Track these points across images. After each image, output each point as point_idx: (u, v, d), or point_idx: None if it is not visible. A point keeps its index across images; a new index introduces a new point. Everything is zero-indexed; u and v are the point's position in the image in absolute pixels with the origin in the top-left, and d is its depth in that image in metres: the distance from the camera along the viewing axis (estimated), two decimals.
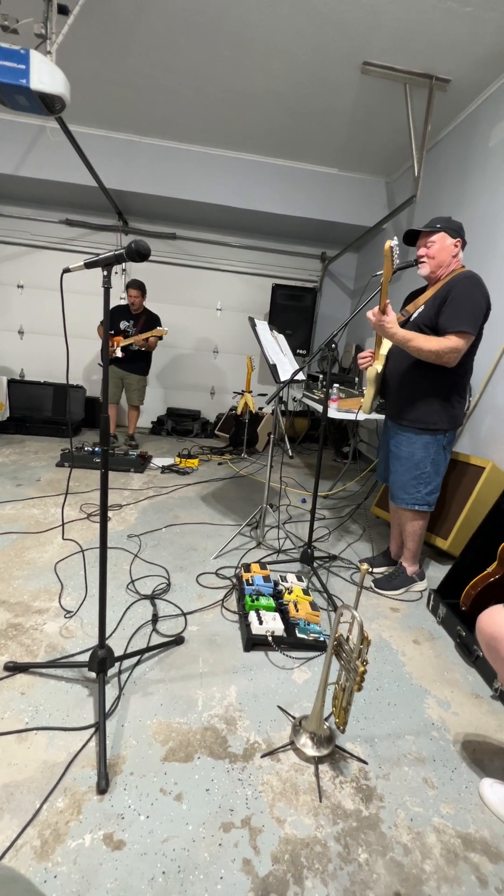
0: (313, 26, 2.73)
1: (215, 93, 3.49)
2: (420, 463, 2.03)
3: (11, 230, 5.17)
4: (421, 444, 2.02)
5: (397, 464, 2.10)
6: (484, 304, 1.85)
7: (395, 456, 2.10)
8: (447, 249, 1.91)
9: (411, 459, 2.04)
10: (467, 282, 1.85)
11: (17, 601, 1.83)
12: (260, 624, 1.69)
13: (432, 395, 1.97)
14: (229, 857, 0.99)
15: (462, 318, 1.80)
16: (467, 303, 1.82)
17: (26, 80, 2.04)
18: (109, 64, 3.26)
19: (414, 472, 2.04)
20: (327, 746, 1.25)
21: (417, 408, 2.00)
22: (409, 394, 2.01)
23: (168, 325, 5.51)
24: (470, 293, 1.83)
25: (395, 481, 2.12)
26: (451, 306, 1.83)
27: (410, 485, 2.06)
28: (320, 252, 5.63)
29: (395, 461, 2.11)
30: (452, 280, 1.89)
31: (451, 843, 1.08)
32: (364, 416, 2.88)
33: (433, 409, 1.98)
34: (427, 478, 2.04)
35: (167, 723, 1.32)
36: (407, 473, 2.06)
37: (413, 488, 2.06)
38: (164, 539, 2.54)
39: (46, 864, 0.95)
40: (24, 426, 4.71)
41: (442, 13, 2.52)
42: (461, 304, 1.82)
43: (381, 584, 2.21)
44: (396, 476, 2.10)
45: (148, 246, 1.19)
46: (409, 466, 2.05)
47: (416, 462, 2.03)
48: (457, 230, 1.92)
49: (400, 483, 2.09)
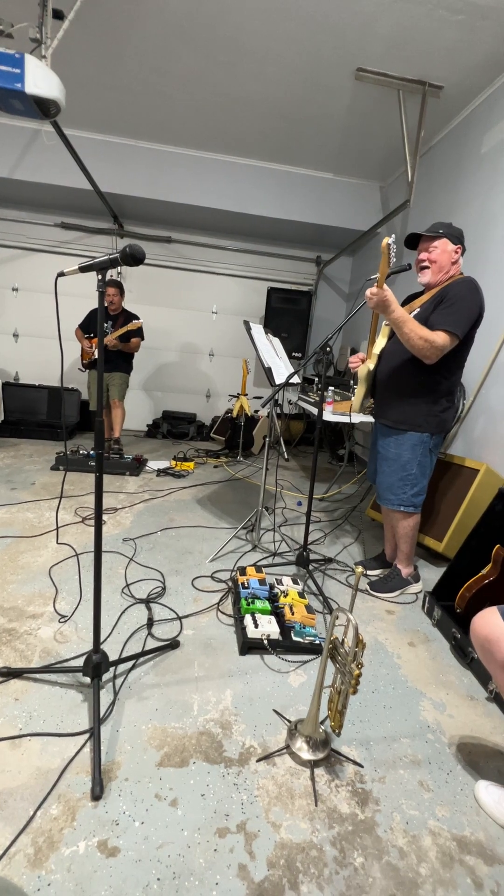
0: (307, 33, 2.75)
1: (210, 97, 3.51)
2: (407, 464, 2.04)
3: (6, 233, 5.16)
4: (408, 445, 2.03)
5: (385, 464, 2.12)
6: (477, 311, 1.87)
7: (383, 457, 2.12)
8: (448, 255, 1.93)
9: (398, 460, 2.06)
10: (465, 286, 1.88)
11: (11, 606, 1.82)
12: (255, 627, 1.69)
13: (419, 396, 1.98)
14: (225, 863, 0.99)
15: (451, 320, 1.82)
16: (460, 306, 1.84)
17: (21, 84, 2.05)
18: (104, 68, 3.27)
19: (401, 473, 2.06)
20: (323, 750, 1.25)
21: (404, 408, 2.01)
22: (397, 394, 2.03)
23: (163, 329, 5.56)
24: (465, 297, 1.85)
25: (382, 482, 2.14)
26: (446, 306, 1.86)
27: (397, 486, 2.08)
28: (315, 256, 5.66)
29: (383, 462, 2.12)
30: (452, 283, 1.92)
31: (446, 845, 1.08)
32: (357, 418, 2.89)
33: (419, 411, 1.99)
34: (413, 479, 2.06)
35: (162, 728, 1.32)
36: (394, 475, 2.08)
37: (399, 489, 2.07)
38: (159, 542, 2.53)
39: (40, 871, 0.94)
40: (18, 429, 4.67)
41: (434, 21, 2.55)
42: (454, 306, 1.84)
43: (376, 587, 2.21)
44: (384, 477, 2.12)
45: (143, 250, 1.19)
46: (396, 468, 2.07)
47: (403, 463, 2.05)
48: (458, 237, 1.95)
49: (387, 484, 2.11)
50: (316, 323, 5.75)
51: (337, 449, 4.95)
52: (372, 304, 1.84)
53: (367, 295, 1.83)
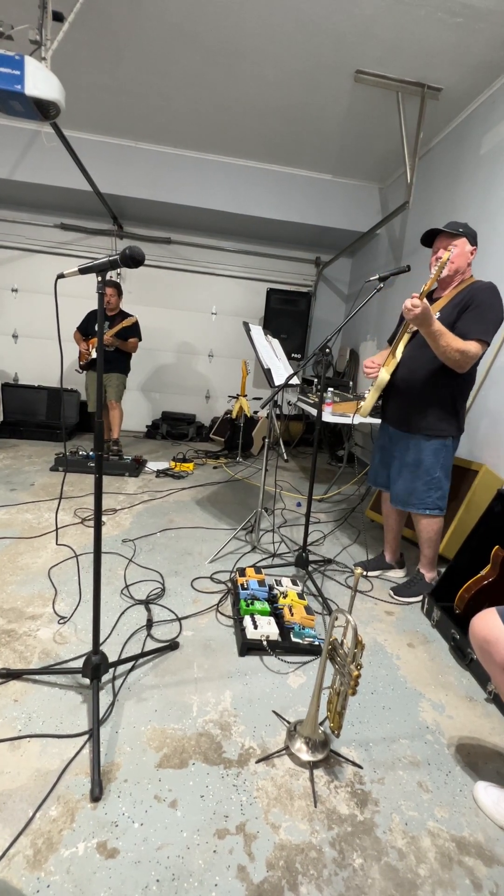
0: (307, 35, 2.76)
1: (209, 99, 3.52)
2: (430, 469, 2.02)
3: (6, 234, 5.16)
4: (430, 450, 2.01)
5: (405, 471, 2.08)
6: (501, 317, 1.85)
7: (403, 463, 2.08)
8: (465, 256, 1.92)
9: (420, 466, 2.03)
10: (490, 292, 1.86)
11: (11, 607, 1.82)
12: (255, 628, 1.69)
13: (442, 401, 1.97)
14: (224, 864, 0.99)
15: (482, 328, 1.81)
16: (491, 313, 1.83)
17: (21, 85, 2.05)
18: (104, 70, 3.27)
19: (424, 478, 2.03)
20: (322, 751, 1.25)
21: (426, 415, 1.99)
22: (419, 400, 2.00)
23: (163, 330, 5.57)
24: (493, 304, 1.84)
25: (403, 488, 2.09)
26: (475, 313, 1.83)
27: (421, 490, 2.04)
28: (314, 257, 5.67)
29: (403, 468, 2.08)
30: (474, 287, 1.90)
31: (445, 846, 1.08)
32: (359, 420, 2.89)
33: (441, 416, 1.98)
34: (437, 483, 2.03)
35: (162, 729, 1.32)
36: (417, 480, 2.04)
37: (424, 494, 2.04)
38: (158, 543, 2.53)
39: (39, 873, 0.94)
40: (18, 430, 4.67)
41: (433, 23, 2.56)
42: (485, 314, 1.82)
43: (399, 592, 2.19)
44: (405, 483, 2.08)
45: (142, 252, 1.19)
46: (420, 473, 2.03)
47: (426, 468, 2.02)
48: (475, 237, 1.94)
49: (410, 489, 2.07)
50: (315, 324, 5.75)
51: (336, 450, 4.96)
52: (411, 315, 1.73)
53: (408, 306, 1.72)
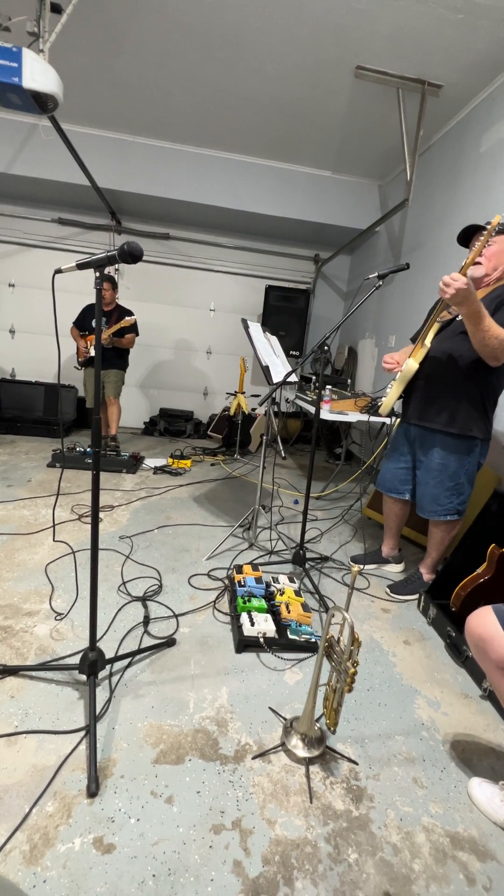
0: (307, 30, 2.74)
1: (209, 93, 3.49)
2: (455, 473, 1.96)
3: (3, 228, 5.12)
4: (456, 453, 1.94)
5: (428, 475, 2.02)
6: None
7: (426, 467, 2.02)
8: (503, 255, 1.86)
9: (445, 470, 1.97)
10: None
11: (7, 603, 1.82)
12: (252, 625, 1.70)
13: (472, 399, 1.89)
14: (220, 859, 1.00)
15: None
16: None
17: (18, 78, 2.03)
18: (103, 63, 3.24)
19: (448, 483, 1.97)
20: (318, 747, 1.26)
21: (456, 412, 1.90)
22: (449, 395, 1.91)
23: (161, 326, 5.55)
24: None
25: (425, 493, 2.04)
26: None
27: (444, 496, 1.99)
28: (313, 254, 5.65)
29: (426, 473, 2.02)
30: None
31: (439, 842, 1.09)
32: (355, 417, 2.89)
33: (470, 415, 1.90)
34: (460, 488, 1.98)
35: (158, 725, 1.32)
36: (440, 485, 1.98)
37: (446, 499, 1.99)
38: (156, 540, 2.53)
39: (35, 868, 0.94)
40: (14, 426, 4.66)
41: (434, 20, 2.54)
42: None
43: (396, 589, 2.18)
44: (428, 488, 2.02)
45: (140, 248, 1.19)
46: (443, 477, 1.97)
47: (451, 473, 1.96)
48: None
49: (432, 495, 2.01)
50: (314, 321, 5.74)
51: (334, 447, 4.96)
52: (450, 293, 1.55)
53: (446, 281, 1.55)
